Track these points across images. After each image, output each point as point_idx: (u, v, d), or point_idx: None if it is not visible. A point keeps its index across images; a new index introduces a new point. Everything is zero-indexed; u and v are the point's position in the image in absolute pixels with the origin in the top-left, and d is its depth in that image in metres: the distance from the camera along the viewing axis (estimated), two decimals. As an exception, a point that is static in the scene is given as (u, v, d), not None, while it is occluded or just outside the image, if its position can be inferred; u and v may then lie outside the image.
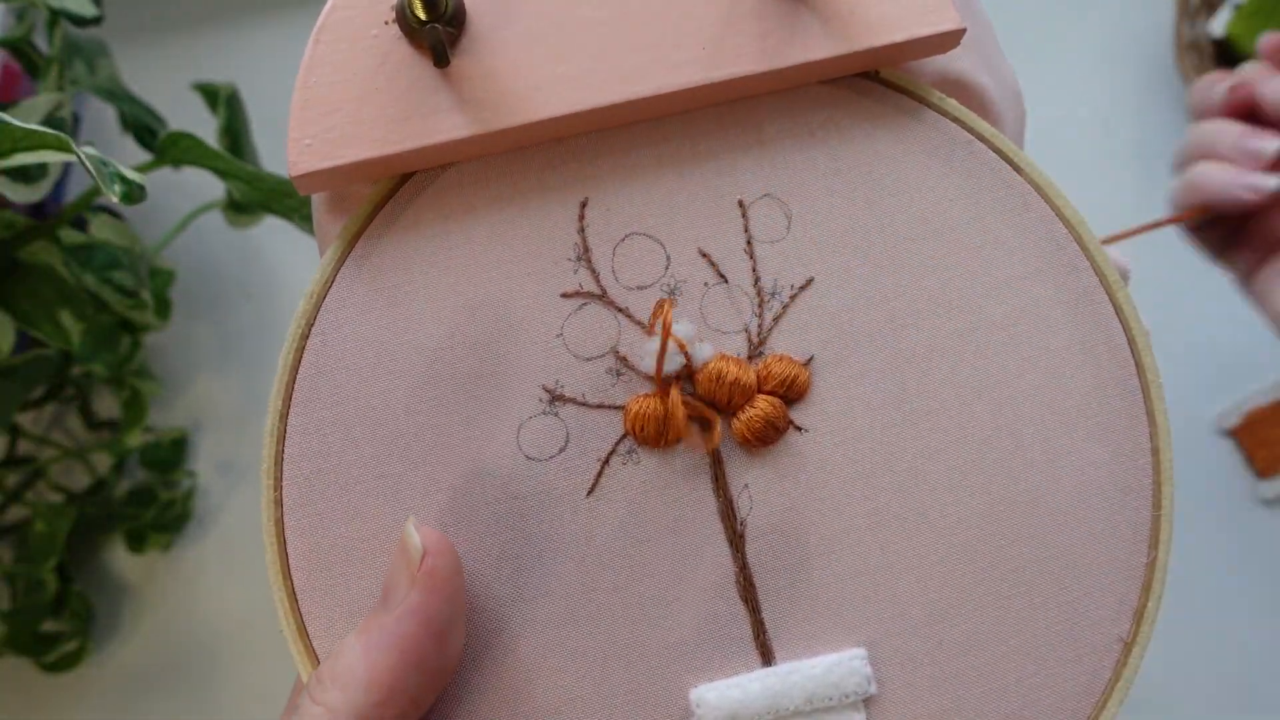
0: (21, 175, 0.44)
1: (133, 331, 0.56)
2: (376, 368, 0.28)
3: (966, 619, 0.27)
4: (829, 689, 0.26)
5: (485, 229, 0.28)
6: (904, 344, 0.28)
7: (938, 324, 0.28)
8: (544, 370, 0.28)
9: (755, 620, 0.27)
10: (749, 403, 0.27)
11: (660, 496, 0.27)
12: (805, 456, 0.28)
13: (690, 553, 0.27)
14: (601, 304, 0.28)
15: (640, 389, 0.28)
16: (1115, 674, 0.27)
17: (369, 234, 0.28)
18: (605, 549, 0.27)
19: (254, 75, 0.62)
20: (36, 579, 0.56)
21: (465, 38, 0.28)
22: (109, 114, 0.63)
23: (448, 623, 0.25)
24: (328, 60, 0.27)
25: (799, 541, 0.27)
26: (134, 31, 0.67)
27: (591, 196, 0.28)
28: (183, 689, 0.59)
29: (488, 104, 0.27)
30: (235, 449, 0.64)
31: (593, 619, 0.27)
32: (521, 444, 0.28)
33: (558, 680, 0.27)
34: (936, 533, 0.27)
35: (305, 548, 0.27)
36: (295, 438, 0.27)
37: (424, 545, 0.25)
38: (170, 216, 0.61)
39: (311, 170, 0.27)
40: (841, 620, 0.27)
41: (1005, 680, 0.27)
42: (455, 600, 0.26)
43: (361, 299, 0.28)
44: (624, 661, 0.27)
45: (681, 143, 0.29)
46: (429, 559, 0.25)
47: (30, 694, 0.60)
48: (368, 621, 0.25)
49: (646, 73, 0.28)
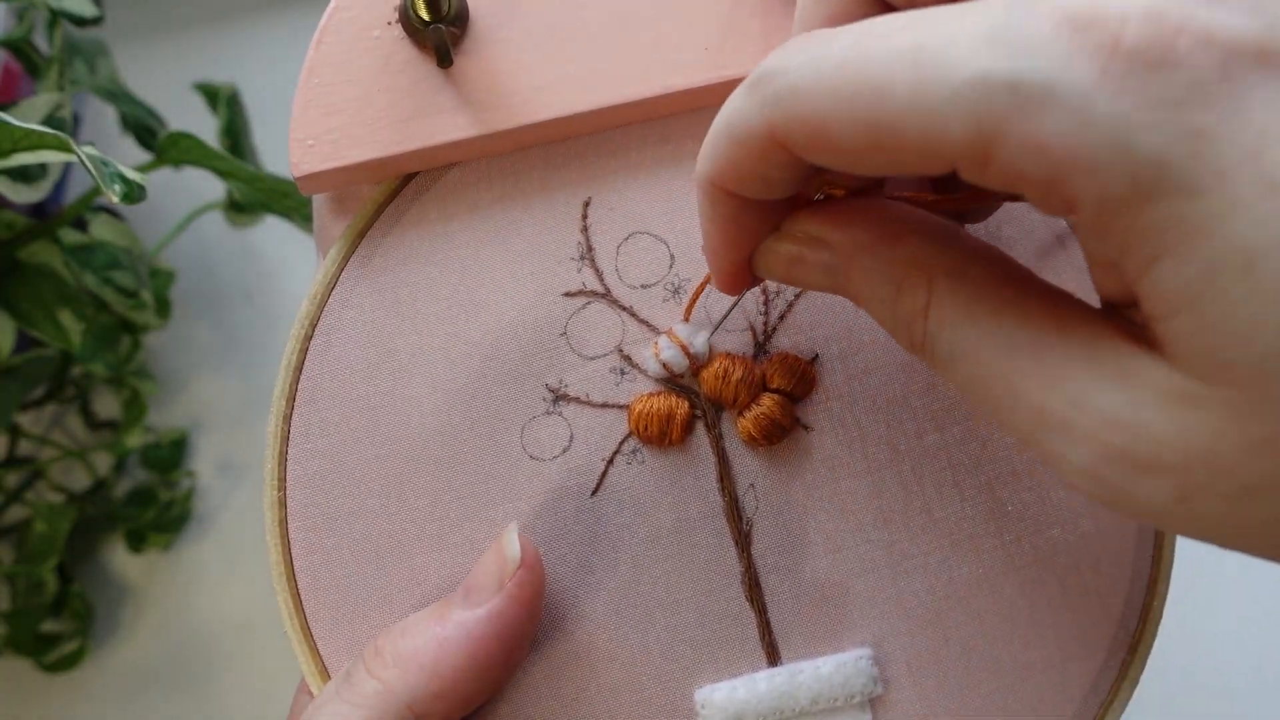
0: (21, 175, 0.44)
1: (133, 331, 0.56)
2: (380, 368, 0.28)
3: (972, 618, 0.27)
4: (835, 689, 0.26)
5: (488, 229, 0.28)
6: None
7: None
8: (548, 369, 0.28)
9: (761, 620, 0.27)
10: (754, 401, 0.27)
11: (665, 496, 0.27)
12: (811, 455, 0.28)
13: (696, 552, 0.27)
14: (605, 303, 0.28)
15: (644, 388, 0.28)
16: (1121, 673, 0.27)
17: (372, 234, 0.28)
18: (610, 549, 0.27)
19: (254, 75, 0.62)
20: (36, 579, 0.56)
21: (468, 38, 0.28)
22: (109, 114, 0.63)
23: (521, 636, 0.25)
24: (330, 61, 0.27)
25: (805, 541, 0.27)
26: (134, 31, 0.67)
27: (595, 196, 0.28)
28: (183, 689, 0.59)
29: (490, 104, 0.27)
30: (235, 449, 0.63)
31: (596, 618, 0.27)
32: (525, 443, 0.28)
33: (561, 679, 0.27)
34: (942, 530, 0.27)
35: (309, 548, 0.27)
36: (299, 438, 0.27)
37: (522, 556, 0.25)
38: (170, 216, 0.60)
39: (314, 171, 0.27)
40: (847, 620, 0.27)
41: (1011, 679, 0.27)
42: (535, 617, 0.26)
43: (365, 299, 0.28)
44: (628, 661, 0.27)
45: (684, 142, 0.29)
46: (523, 571, 0.25)
47: (30, 694, 0.59)
48: (444, 611, 0.25)
49: (649, 73, 0.28)
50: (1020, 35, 0.16)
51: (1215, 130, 0.15)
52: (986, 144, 0.16)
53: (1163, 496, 0.16)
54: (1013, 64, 0.15)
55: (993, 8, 0.16)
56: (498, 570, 0.25)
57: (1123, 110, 0.15)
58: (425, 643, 0.25)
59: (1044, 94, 0.15)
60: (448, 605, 0.25)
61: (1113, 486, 0.17)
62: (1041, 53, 0.15)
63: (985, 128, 0.16)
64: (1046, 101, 0.15)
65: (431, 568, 0.27)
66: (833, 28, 0.19)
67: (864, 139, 0.17)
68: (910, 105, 0.16)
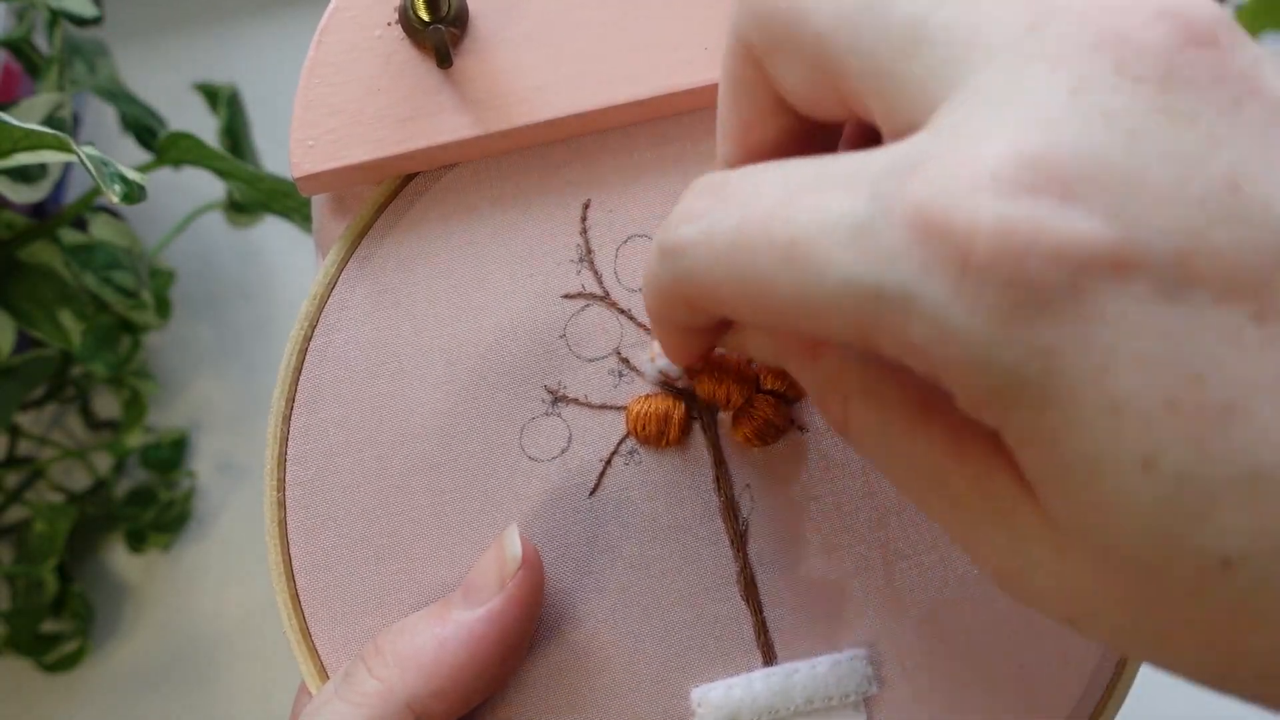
0: (21, 175, 0.44)
1: (133, 331, 0.56)
2: (380, 369, 0.28)
3: (967, 617, 0.27)
4: (831, 688, 0.26)
5: (488, 230, 0.28)
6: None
7: None
8: (546, 371, 0.28)
9: (757, 619, 0.27)
10: (749, 402, 0.27)
11: (662, 496, 0.27)
12: (806, 455, 0.28)
13: (692, 552, 0.27)
14: (604, 305, 0.28)
15: (641, 390, 0.28)
16: (1117, 673, 0.27)
17: (372, 235, 0.28)
18: (607, 548, 0.27)
19: (254, 75, 0.62)
20: (36, 579, 0.56)
21: (468, 39, 0.28)
22: (109, 114, 0.63)
23: (521, 636, 0.25)
24: (330, 61, 0.28)
25: (800, 540, 0.27)
26: (134, 31, 0.67)
27: (594, 198, 0.28)
28: (183, 689, 0.59)
29: (490, 105, 0.27)
30: (235, 449, 0.63)
31: (593, 618, 0.27)
32: (524, 444, 0.28)
33: (557, 679, 0.27)
34: (938, 530, 0.27)
35: (308, 549, 0.27)
36: (298, 439, 0.28)
37: (522, 556, 0.25)
38: (170, 216, 0.60)
39: (314, 171, 0.27)
40: (843, 619, 0.27)
41: (1006, 678, 0.27)
42: (534, 617, 0.26)
43: (364, 300, 0.28)
44: (625, 661, 0.27)
45: (684, 143, 0.29)
46: (524, 571, 0.25)
47: (30, 694, 0.59)
48: (444, 611, 0.25)
49: (649, 73, 0.28)
50: (879, 239, 0.16)
51: (1063, 349, 0.15)
52: (866, 339, 0.17)
53: (1057, 617, 0.18)
54: (874, 271, 0.16)
55: (856, 194, 0.16)
56: (498, 570, 0.25)
57: (977, 325, 0.15)
58: (425, 642, 0.25)
59: (905, 304, 0.16)
60: (448, 605, 0.25)
61: (1015, 597, 0.19)
62: (900, 262, 0.16)
63: (863, 328, 0.17)
64: (909, 310, 0.16)
65: (431, 568, 0.27)
66: (729, 172, 0.20)
67: (765, 319, 0.18)
68: (793, 303, 0.17)
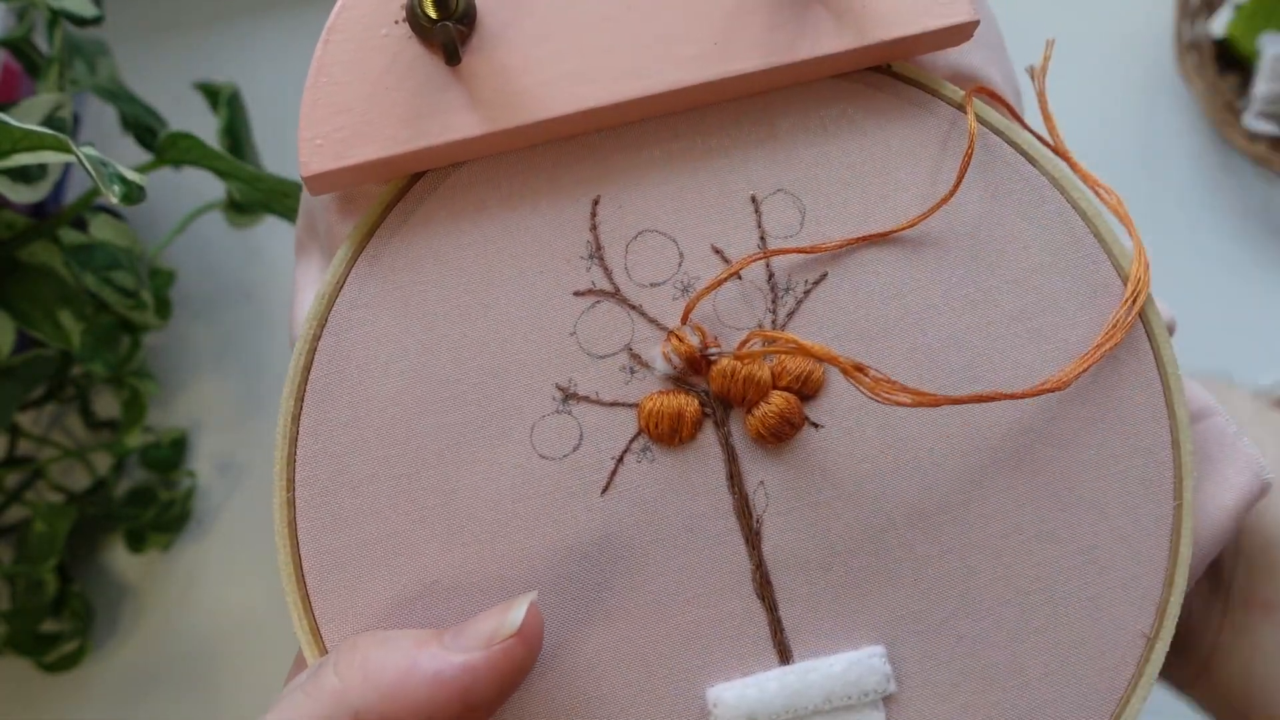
0: (21, 175, 0.44)
1: (133, 331, 0.56)
2: (389, 367, 0.28)
3: (986, 615, 0.27)
4: (848, 687, 0.26)
5: (497, 227, 0.28)
6: (920, 338, 0.28)
7: (954, 317, 0.28)
8: (557, 368, 0.28)
9: (772, 618, 0.27)
10: (763, 399, 0.27)
11: (675, 494, 0.27)
12: (821, 452, 0.27)
13: (706, 550, 0.27)
14: (614, 302, 0.28)
15: (653, 386, 0.28)
16: (1138, 670, 0.27)
17: (380, 233, 0.28)
18: (620, 547, 0.27)
19: (254, 75, 0.62)
20: (36, 579, 0.56)
21: (476, 36, 0.28)
22: (109, 114, 0.63)
23: (486, 702, 0.24)
24: (338, 60, 0.27)
25: (815, 538, 0.27)
26: (134, 31, 0.67)
27: (604, 194, 0.28)
28: (183, 689, 0.59)
29: (499, 102, 0.27)
30: (235, 449, 0.63)
31: (607, 618, 0.27)
32: (535, 443, 0.27)
33: (572, 679, 0.27)
34: (956, 528, 0.27)
35: (319, 550, 0.27)
36: (308, 439, 0.27)
37: (521, 629, 0.24)
38: (170, 216, 0.60)
39: (323, 170, 0.27)
40: (860, 617, 0.27)
41: (1026, 677, 0.27)
42: (506, 691, 0.25)
43: (373, 299, 0.28)
44: (639, 660, 0.27)
45: (693, 139, 0.29)
46: (516, 641, 0.24)
47: (30, 694, 0.59)
48: (428, 639, 0.25)
49: (657, 69, 0.27)
50: None
51: None
52: None
53: None
54: None
55: None
56: (492, 629, 0.25)
57: None
58: (397, 662, 0.24)
59: None
60: (436, 636, 0.25)
61: None
62: None
63: None
64: None
65: (441, 567, 0.27)
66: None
67: None
68: None
